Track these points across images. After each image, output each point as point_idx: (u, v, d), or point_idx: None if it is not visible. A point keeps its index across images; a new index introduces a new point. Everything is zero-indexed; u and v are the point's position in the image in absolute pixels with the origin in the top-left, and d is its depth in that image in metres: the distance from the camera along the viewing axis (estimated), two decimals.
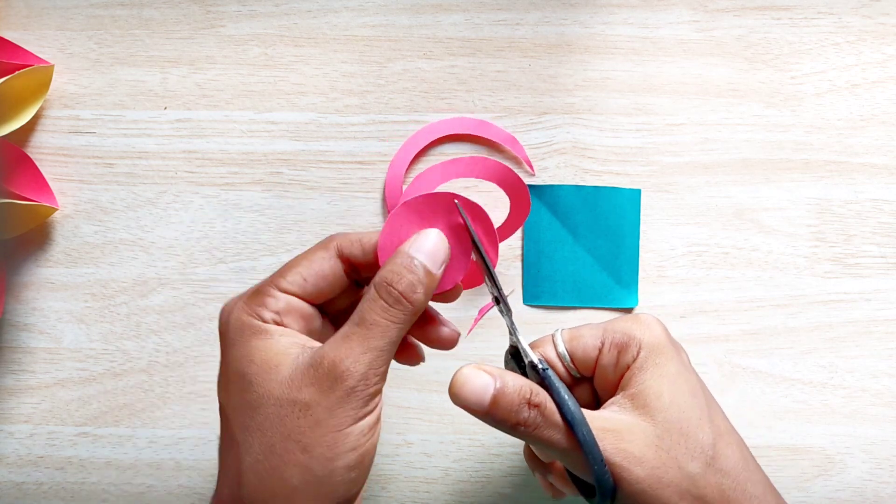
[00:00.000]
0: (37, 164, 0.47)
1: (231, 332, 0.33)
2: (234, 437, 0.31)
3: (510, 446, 0.45)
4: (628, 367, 0.34)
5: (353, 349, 0.31)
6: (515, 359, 0.35)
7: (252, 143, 0.47)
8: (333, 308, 0.36)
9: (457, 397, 0.32)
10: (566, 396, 0.32)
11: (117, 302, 0.47)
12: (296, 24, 0.47)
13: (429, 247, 0.33)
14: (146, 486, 0.46)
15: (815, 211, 0.46)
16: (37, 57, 0.47)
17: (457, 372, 0.32)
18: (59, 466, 0.46)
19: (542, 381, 0.32)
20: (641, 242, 0.46)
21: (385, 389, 0.45)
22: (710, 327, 0.46)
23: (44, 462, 0.46)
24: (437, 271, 0.33)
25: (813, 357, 0.45)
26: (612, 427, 0.32)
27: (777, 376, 0.45)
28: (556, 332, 0.36)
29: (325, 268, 0.34)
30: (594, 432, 0.31)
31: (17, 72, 0.45)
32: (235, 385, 0.32)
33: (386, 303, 0.32)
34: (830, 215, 0.46)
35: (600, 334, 0.35)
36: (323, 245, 0.35)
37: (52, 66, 0.47)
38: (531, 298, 0.46)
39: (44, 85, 0.47)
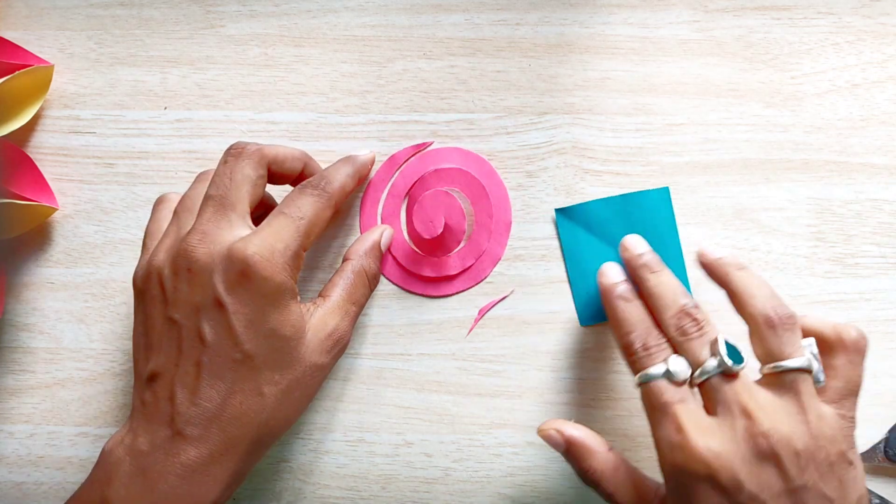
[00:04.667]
0: (37, 164, 0.47)
1: (275, 291, 0.36)
2: (259, 390, 0.36)
3: (510, 447, 0.45)
4: None
5: (350, 323, 0.40)
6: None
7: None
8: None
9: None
10: None
11: (117, 302, 0.47)
12: (296, 24, 0.47)
13: (386, 241, 0.44)
14: None
15: (815, 211, 0.46)
16: (37, 57, 0.47)
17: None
18: (59, 466, 0.46)
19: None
20: None
21: (385, 389, 0.46)
22: None
23: (44, 462, 0.46)
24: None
25: None
26: None
27: None
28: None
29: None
30: None
31: (17, 72, 0.45)
32: (268, 342, 0.36)
33: (369, 287, 0.42)
34: (830, 215, 0.46)
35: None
36: (330, 206, 0.41)
37: (52, 66, 0.47)
38: (588, 319, 0.45)
39: (44, 85, 0.47)
